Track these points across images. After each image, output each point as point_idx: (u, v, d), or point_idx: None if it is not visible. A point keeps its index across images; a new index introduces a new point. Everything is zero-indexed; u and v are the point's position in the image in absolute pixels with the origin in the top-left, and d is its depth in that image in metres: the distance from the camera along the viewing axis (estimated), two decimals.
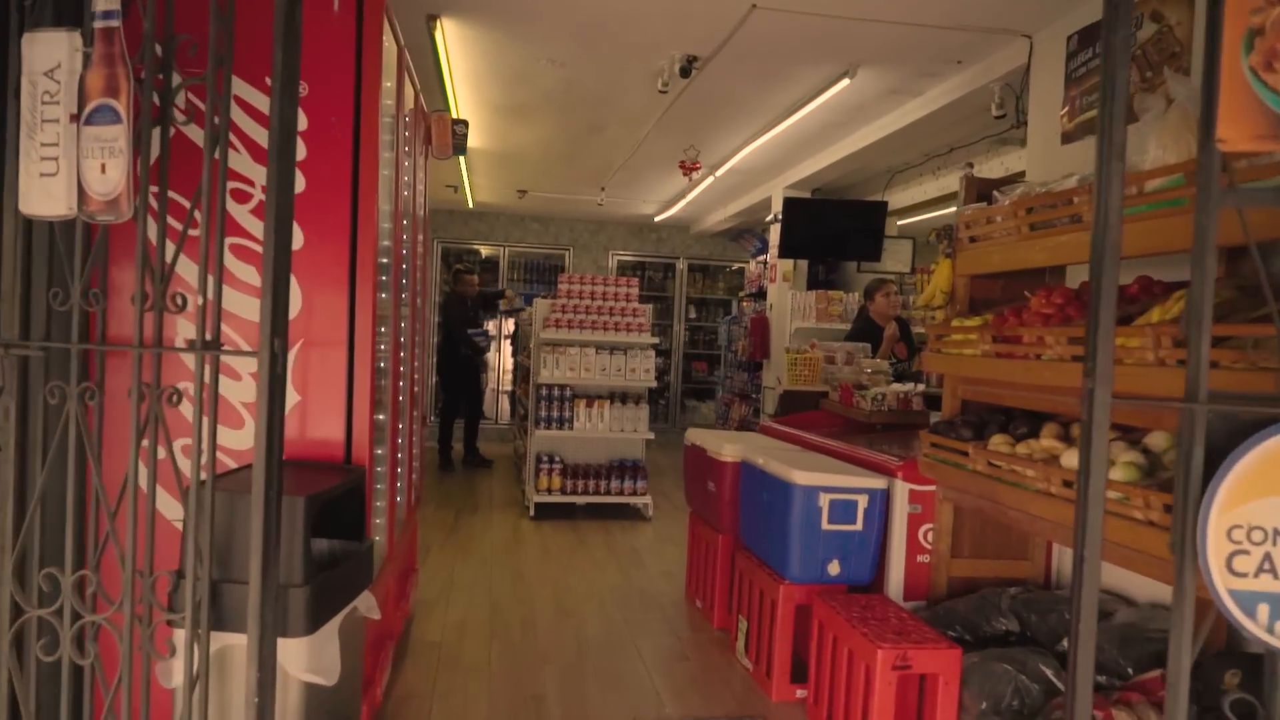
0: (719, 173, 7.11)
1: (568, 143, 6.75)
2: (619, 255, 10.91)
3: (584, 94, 5.37)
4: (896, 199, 7.08)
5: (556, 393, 6.37)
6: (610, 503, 6.47)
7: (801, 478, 3.22)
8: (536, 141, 6.74)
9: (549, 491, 6.35)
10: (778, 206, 7.56)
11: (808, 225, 7.04)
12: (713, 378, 11.08)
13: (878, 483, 3.29)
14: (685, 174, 6.09)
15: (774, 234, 7.72)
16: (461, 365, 8.39)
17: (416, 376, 4.19)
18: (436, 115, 4.15)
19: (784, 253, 7.14)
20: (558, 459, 6.43)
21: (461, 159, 7.33)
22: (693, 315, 11.22)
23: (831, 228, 7.04)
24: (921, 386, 4.47)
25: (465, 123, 4.44)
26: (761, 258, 9.57)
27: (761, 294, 8.64)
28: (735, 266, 11.20)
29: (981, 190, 3.36)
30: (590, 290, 6.54)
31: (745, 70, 4.72)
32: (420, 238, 4.28)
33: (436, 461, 8.58)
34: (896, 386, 4.47)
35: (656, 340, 6.57)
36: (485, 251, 10.97)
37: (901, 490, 3.32)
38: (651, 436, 6.49)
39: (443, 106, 5.28)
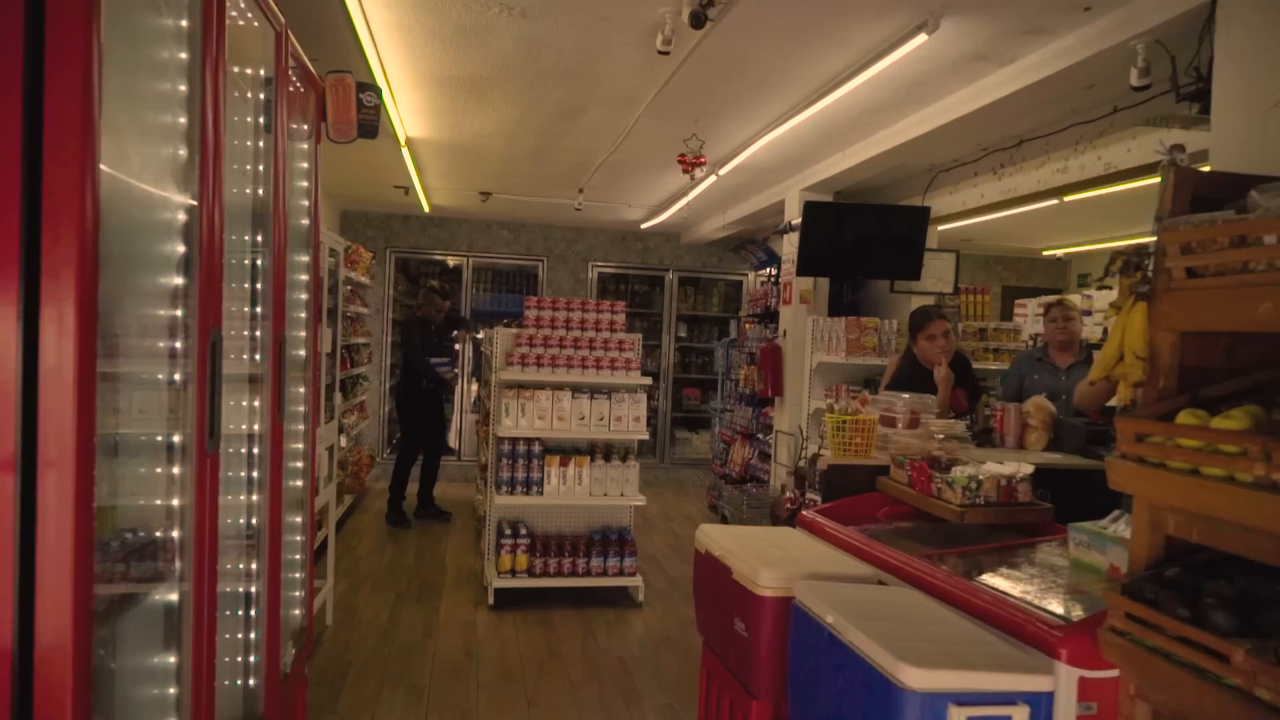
0: (724, 170, 5.80)
1: (536, 132, 5.41)
2: (600, 267, 9.58)
3: (555, 61, 4.03)
4: (940, 204, 5.80)
5: (522, 448, 5.01)
6: (591, 586, 5.11)
7: (917, 677, 1.90)
8: (498, 130, 5.40)
9: (513, 573, 4.99)
10: (793, 212, 6.26)
11: (833, 236, 5.74)
12: (707, 406, 9.77)
13: (1039, 683, 1.96)
14: (686, 171, 4.79)
15: (787, 245, 6.41)
16: (423, 398, 7.04)
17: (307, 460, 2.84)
18: (333, 79, 2.81)
19: (804, 269, 5.82)
20: (524, 530, 5.07)
21: (406, 154, 5.98)
22: (683, 334, 9.91)
23: (862, 239, 5.74)
24: (1028, 468, 3.16)
25: (377, 91, 3.09)
26: (766, 272, 8.28)
27: (768, 315, 7.33)
28: (732, 279, 9.90)
29: (1202, 190, 2.06)
30: (565, 317, 5.19)
31: (776, 23, 3.41)
32: (311, 258, 2.93)
33: (385, 511, 7.21)
34: (994, 468, 3.16)
35: (648, 381, 5.23)
36: (451, 262, 9.60)
37: (1067, 683, 2.01)
38: (643, 502, 5.15)
39: (357, 74, 3.93)
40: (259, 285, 2.40)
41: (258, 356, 2.42)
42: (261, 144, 2.39)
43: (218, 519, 1.96)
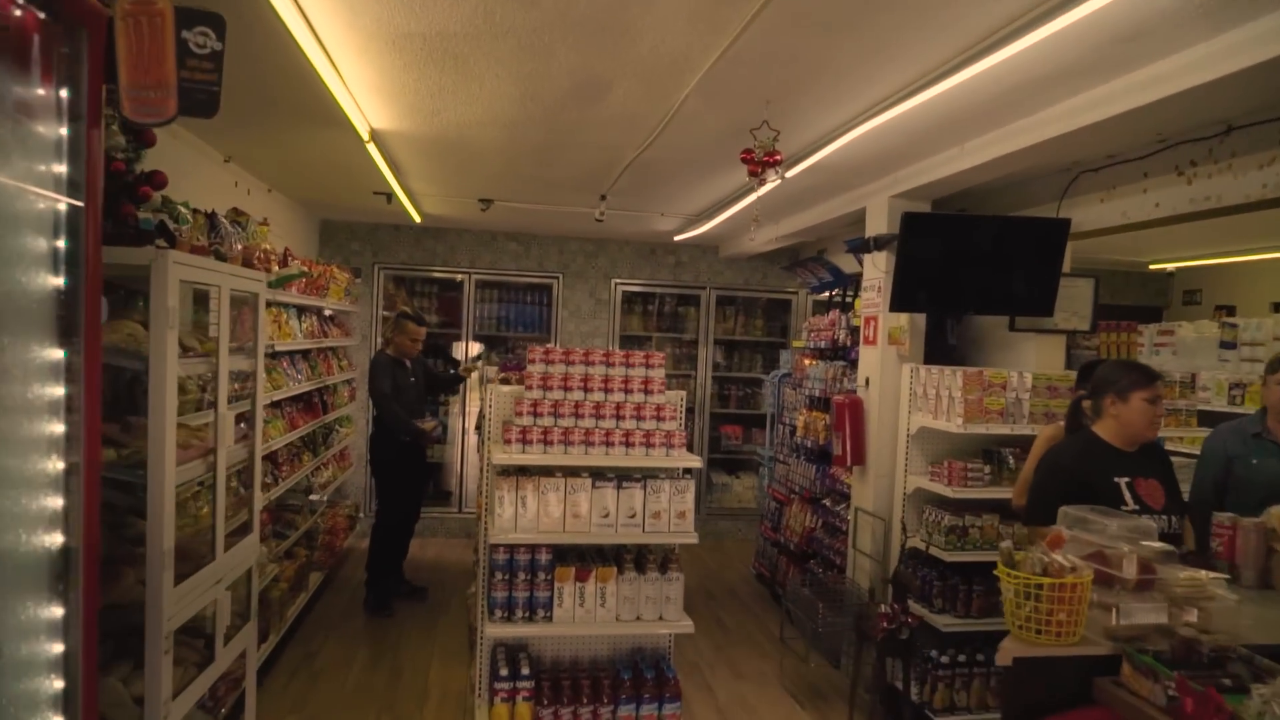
0: (795, 170, 4.37)
1: (543, 121, 4.01)
2: (624, 284, 8.16)
3: (565, 7, 2.63)
4: (1085, 215, 4.34)
5: (524, 558, 3.62)
6: None
7: None
8: (491, 119, 4.00)
9: None
10: (880, 225, 4.82)
11: (942, 258, 4.30)
12: (750, 447, 8.33)
13: None
14: (755, 173, 3.37)
15: (870, 268, 4.97)
16: (400, 456, 5.67)
17: None
18: (130, 5, 1.42)
19: (901, 301, 4.38)
20: (526, 668, 3.67)
21: (374, 152, 4.60)
22: (720, 360, 8.47)
23: (978, 262, 4.30)
24: None
25: (219, 21, 1.71)
26: (826, 295, 6.84)
27: (837, 352, 5.89)
28: (779, 298, 8.46)
29: None
30: (584, 375, 3.79)
31: None
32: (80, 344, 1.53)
33: (363, 596, 5.85)
34: None
35: (698, 461, 3.82)
36: (454, 279, 8.23)
37: None
38: (689, 628, 3.73)
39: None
40: None
41: None
42: None
43: None
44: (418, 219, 6.94)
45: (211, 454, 3.27)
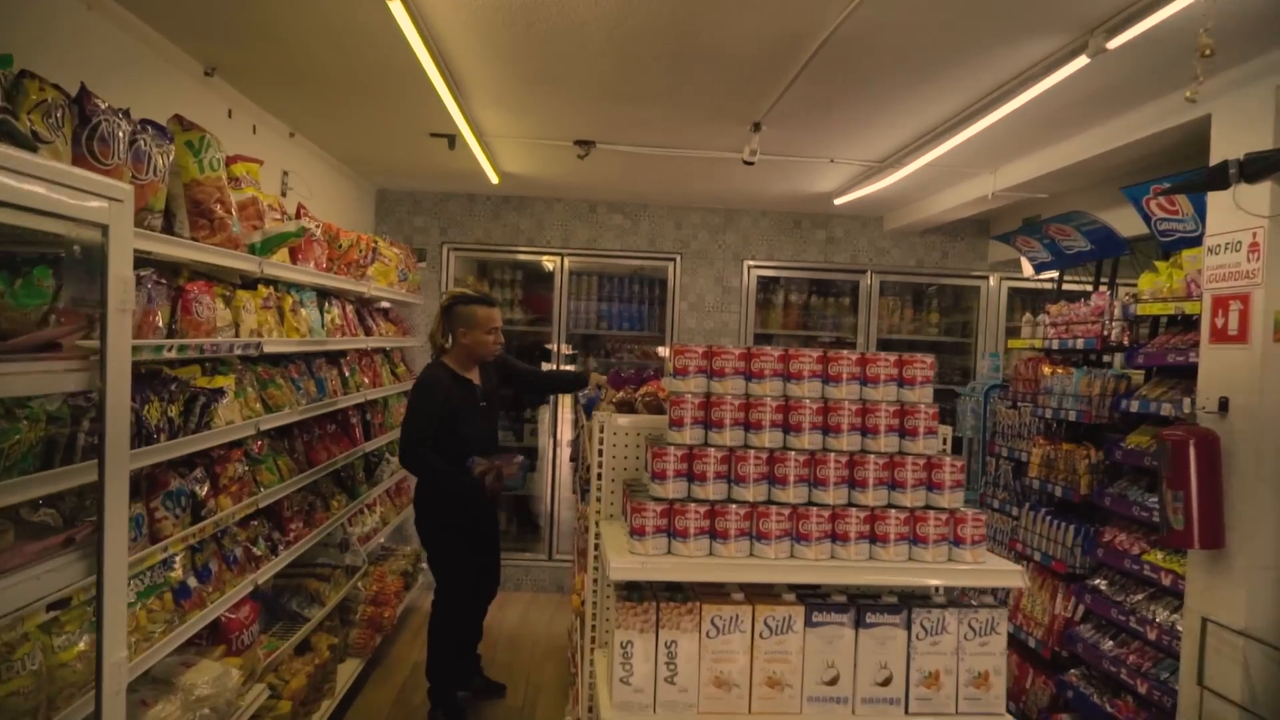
0: (1120, 41, 2.45)
1: None
2: (759, 267, 6.30)
3: None
4: None
5: None
6: None
7: None
8: None
9: None
10: (1255, 137, 2.83)
11: None
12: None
13: None
14: None
15: (1229, 211, 2.98)
16: (460, 511, 3.90)
17: None
18: None
19: None
20: None
21: (418, 44, 2.89)
22: None
23: None
24: None
25: None
26: (1048, 277, 4.84)
27: (1094, 357, 3.93)
28: (965, 284, 6.44)
29: None
30: (779, 397, 1.97)
31: None
32: None
33: (419, 675, 4.20)
34: None
35: (1015, 574, 1.93)
36: (548, 265, 6.55)
37: None
38: None
39: None
40: None
41: None
42: None
43: None
44: (495, 180, 5.25)
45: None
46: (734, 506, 1.87)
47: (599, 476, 2.21)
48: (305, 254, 3.55)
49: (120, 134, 1.97)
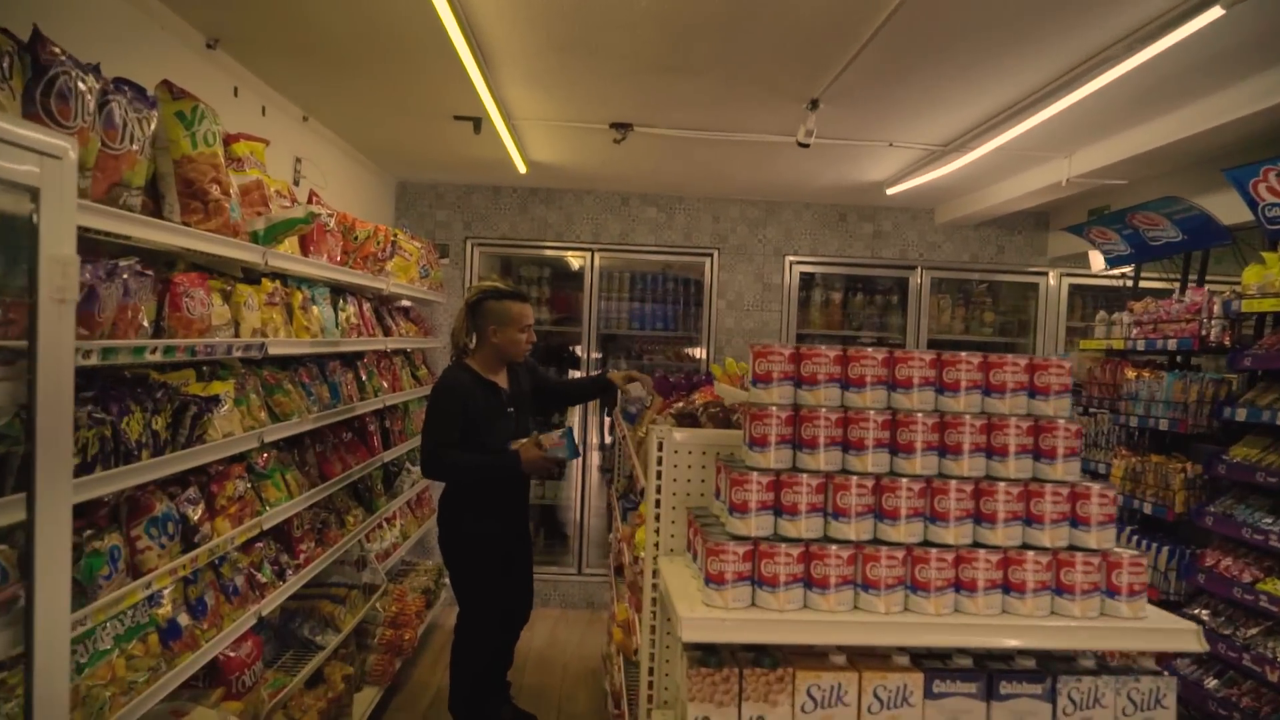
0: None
1: None
2: (802, 263, 5.92)
3: None
4: None
5: None
6: None
7: None
8: None
9: None
10: None
11: None
12: None
13: None
14: None
15: None
16: (489, 525, 3.53)
17: None
18: None
19: None
20: None
21: (450, 20, 2.54)
22: None
23: None
24: None
25: None
26: (1127, 272, 4.45)
27: (1181, 360, 3.52)
28: (1023, 280, 6.02)
29: None
30: (884, 409, 1.59)
31: None
32: None
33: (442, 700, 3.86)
34: None
35: (1191, 636, 1.55)
36: (574, 264, 6.21)
37: None
38: None
39: None
40: None
41: None
42: None
43: None
44: (523, 169, 4.90)
45: None
46: (833, 547, 1.51)
47: (657, 503, 1.85)
48: (317, 246, 3.22)
49: (86, 91, 1.64)
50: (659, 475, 1.84)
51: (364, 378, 3.84)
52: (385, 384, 4.17)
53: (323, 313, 3.28)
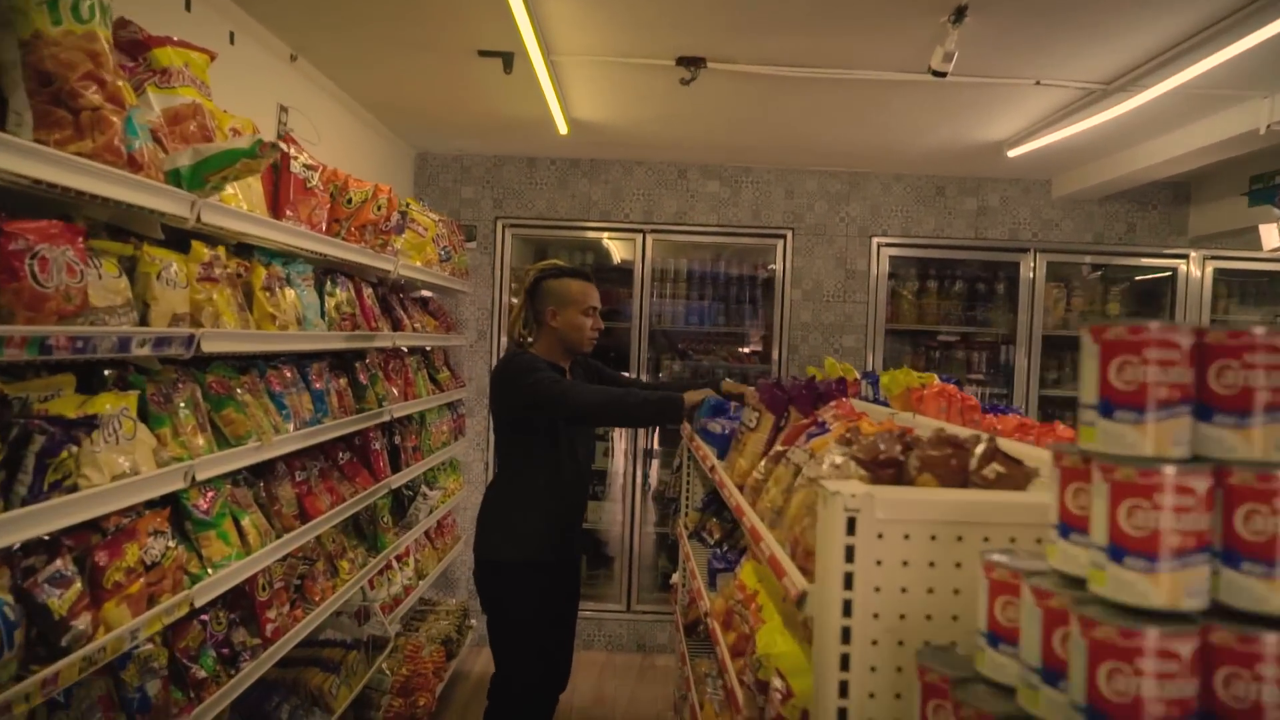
0: None
1: None
2: (891, 245, 4.99)
3: None
4: None
5: None
6: None
7: None
8: None
9: None
10: None
11: None
12: None
13: None
14: None
15: None
16: (545, 546, 2.77)
17: None
18: None
19: None
20: None
21: None
22: (1053, 376, 5.14)
23: None
24: None
25: None
26: None
27: None
28: (1156, 265, 5.04)
29: None
30: None
31: None
32: None
33: None
34: None
35: None
36: (616, 255, 5.36)
37: None
38: None
39: None
40: None
41: None
42: None
43: None
44: (564, 129, 4.05)
45: None
46: None
47: (845, 635, 0.97)
48: (294, 207, 2.39)
49: None
50: (848, 582, 0.96)
51: (364, 382, 3.00)
52: (395, 390, 3.33)
53: (301, 297, 2.44)
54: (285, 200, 2.39)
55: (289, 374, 2.42)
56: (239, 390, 2.10)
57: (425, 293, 4.37)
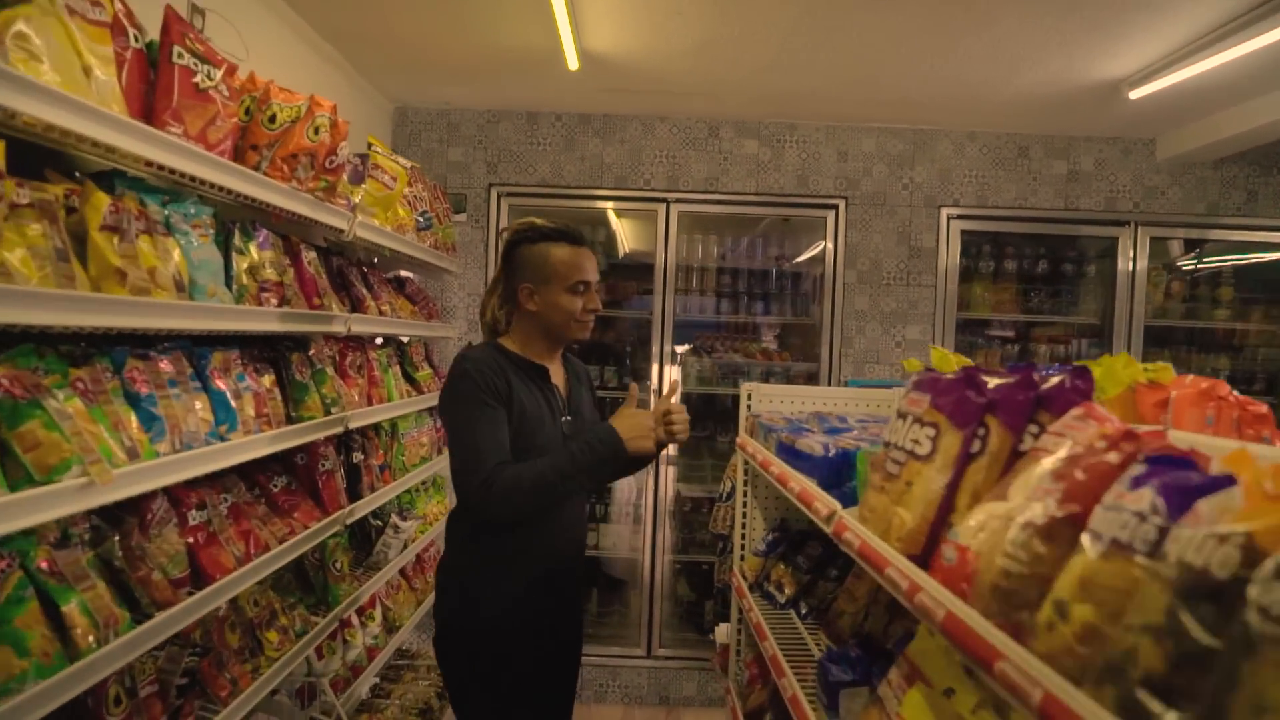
0: None
1: None
2: (964, 217, 4.17)
3: None
4: None
5: None
6: None
7: None
8: None
9: None
10: None
11: None
12: None
13: None
14: None
15: None
16: (523, 607, 1.95)
17: None
18: None
19: None
20: None
21: None
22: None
23: None
24: None
25: None
26: None
27: None
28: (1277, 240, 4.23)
29: None
30: None
31: None
32: None
33: None
34: None
35: None
36: (629, 250, 4.56)
37: None
38: None
39: None
40: None
41: None
42: None
43: None
44: (574, 64, 3.23)
45: None
46: None
47: None
48: (177, 113, 1.58)
49: None
50: None
51: (304, 380, 2.18)
52: (353, 392, 2.51)
53: (189, 252, 1.62)
54: (165, 105, 1.57)
55: (167, 366, 1.60)
56: (57, 392, 1.28)
57: (404, 272, 3.56)
